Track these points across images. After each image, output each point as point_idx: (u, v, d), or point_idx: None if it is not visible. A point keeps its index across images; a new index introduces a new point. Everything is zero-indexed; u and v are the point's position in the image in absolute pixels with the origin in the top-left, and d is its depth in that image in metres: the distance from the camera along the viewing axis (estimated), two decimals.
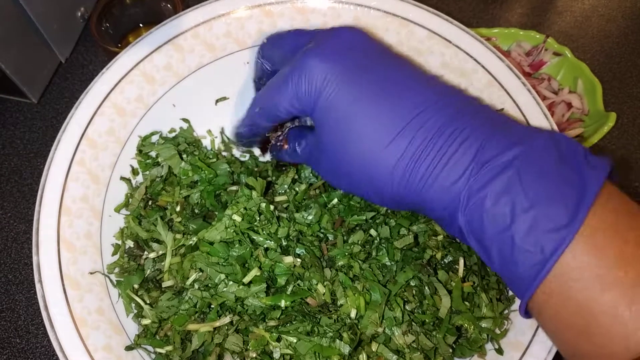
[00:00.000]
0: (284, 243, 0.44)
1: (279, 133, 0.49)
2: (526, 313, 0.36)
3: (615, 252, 0.30)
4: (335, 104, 0.38)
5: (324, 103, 0.39)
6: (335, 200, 0.47)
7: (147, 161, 0.51)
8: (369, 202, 0.42)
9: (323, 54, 0.39)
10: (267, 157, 0.55)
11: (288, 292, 0.42)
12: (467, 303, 0.42)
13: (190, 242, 0.44)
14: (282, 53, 0.45)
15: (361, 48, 0.40)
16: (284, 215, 0.46)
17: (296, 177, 0.50)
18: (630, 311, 0.29)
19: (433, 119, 0.36)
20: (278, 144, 0.49)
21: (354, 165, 0.39)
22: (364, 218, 0.45)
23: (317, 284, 0.42)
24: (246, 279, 0.41)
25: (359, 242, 0.44)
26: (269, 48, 0.48)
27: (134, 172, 0.51)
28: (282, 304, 0.41)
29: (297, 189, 0.49)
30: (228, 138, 0.56)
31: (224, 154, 0.56)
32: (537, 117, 0.48)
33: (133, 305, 0.45)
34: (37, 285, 0.41)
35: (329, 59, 0.39)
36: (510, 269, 0.33)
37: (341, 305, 0.41)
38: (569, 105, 0.63)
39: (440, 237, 0.44)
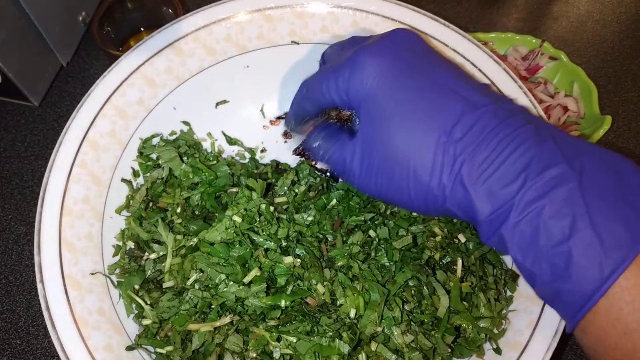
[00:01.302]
0: (284, 244, 0.44)
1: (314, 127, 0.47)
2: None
3: None
4: (384, 101, 0.38)
5: (373, 99, 0.38)
6: (334, 201, 0.48)
7: (148, 163, 0.51)
8: (405, 207, 0.41)
9: (377, 51, 0.39)
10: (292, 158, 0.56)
11: (288, 292, 0.42)
12: (465, 303, 0.42)
13: (191, 243, 0.45)
14: (340, 54, 0.45)
15: (415, 50, 0.40)
16: (284, 216, 0.46)
17: (295, 179, 0.51)
18: None
19: (482, 123, 0.35)
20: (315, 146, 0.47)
21: (397, 164, 0.38)
22: (363, 219, 0.46)
23: (316, 284, 0.42)
24: (246, 279, 0.42)
25: (358, 243, 0.44)
26: (330, 51, 0.48)
27: (135, 174, 0.52)
28: (282, 304, 0.41)
29: (296, 190, 0.49)
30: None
31: (223, 156, 0.56)
32: None
33: (134, 305, 0.45)
34: (39, 286, 0.42)
35: (383, 57, 0.38)
36: (561, 284, 0.32)
37: (340, 305, 0.42)
38: (565, 109, 0.64)
39: (438, 238, 0.45)
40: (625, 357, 0.31)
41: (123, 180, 0.50)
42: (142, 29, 0.65)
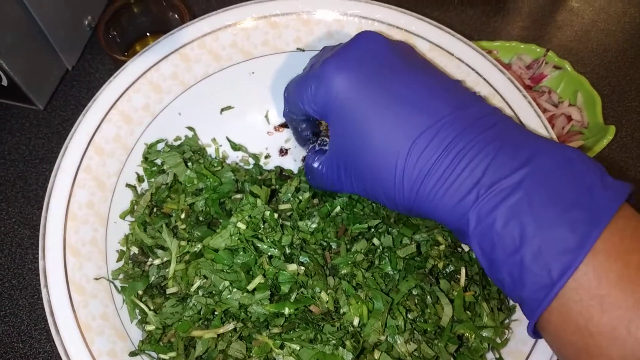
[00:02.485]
0: (288, 251, 0.44)
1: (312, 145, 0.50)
2: (534, 333, 0.36)
3: (616, 275, 0.30)
4: (349, 111, 0.39)
5: (338, 110, 0.39)
6: (338, 208, 0.48)
7: (153, 169, 0.52)
8: (385, 207, 0.43)
9: (338, 62, 0.40)
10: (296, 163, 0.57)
11: (291, 300, 0.42)
12: (468, 312, 0.42)
13: (195, 249, 0.45)
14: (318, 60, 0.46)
15: (378, 55, 0.40)
16: (288, 223, 0.47)
17: (299, 186, 0.51)
18: (629, 333, 0.29)
19: (444, 134, 0.36)
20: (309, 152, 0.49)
21: (366, 172, 0.40)
22: (367, 226, 0.46)
23: (320, 292, 0.42)
24: (250, 286, 0.42)
25: (362, 251, 0.44)
26: (314, 59, 0.49)
27: (140, 179, 0.52)
28: (286, 311, 0.41)
29: (300, 197, 0.49)
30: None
31: (228, 162, 0.56)
32: (538, 129, 0.49)
33: (137, 311, 0.45)
34: (43, 291, 0.42)
35: (344, 68, 0.39)
36: (519, 291, 0.34)
37: (344, 313, 0.42)
38: (569, 118, 0.64)
39: (442, 247, 0.45)
40: (579, 353, 0.32)
41: (127, 185, 0.50)
42: (148, 34, 0.66)
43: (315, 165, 0.46)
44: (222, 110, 0.57)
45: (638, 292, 0.30)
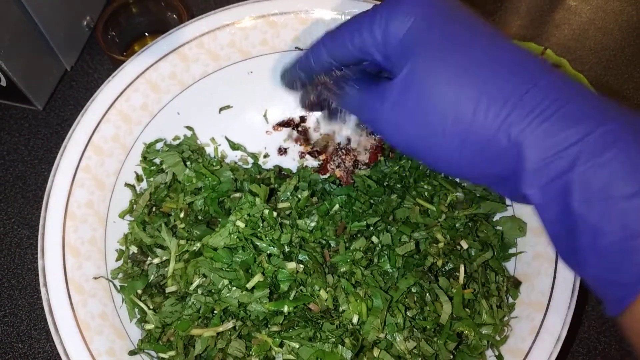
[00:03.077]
0: (287, 249, 0.45)
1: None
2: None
3: None
4: (427, 50, 0.33)
5: (413, 48, 0.34)
6: (337, 206, 0.48)
7: (152, 168, 0.52)
8: (434, 159, 0.36)
9: None
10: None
11: (291, 298, 0.42)
12: (467, 310, 0.43)
13: (194, 248, 0.45)
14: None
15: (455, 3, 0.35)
16: (287, 221, 0.47)
17: (298, 184, 0.51)
18: None
19: (539, 88, 0.31)
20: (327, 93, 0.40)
21: (438, 105, 0.33)
22: (365, 224, 0.46)
23: (319, 290, 0.42)
24: (249, 285, 0.42)
25: (361, 249, 0.44)
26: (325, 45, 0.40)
27: (139, 178, 0.52)
28: (285, 309, 0.41)
29: (299, 195, 0.49)
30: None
31: (227, 161, 0.56)
32: None
33: (136, 310, 0.45)
34: (42, 289, 0.42)
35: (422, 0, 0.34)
36: (633, 242, 0.28)
37: (343, 311, 0.42)
38: None
39: (441, 245, 0.45)
40: None
41: (126, 184, 0.51)
42: (146, 34, 0.66)
43: (362, 101, 0.38)
44: (221, 109, 0.57)
45: None
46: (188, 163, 0.51)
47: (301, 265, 0.43)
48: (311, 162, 0.57)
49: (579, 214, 0.30)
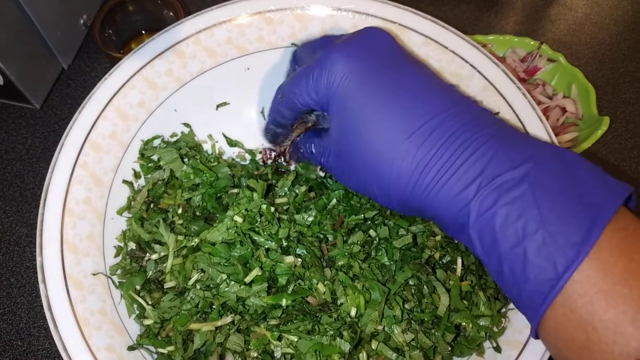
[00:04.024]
0: (285, 244, 0.45)
1: (296, 135, 0.50)
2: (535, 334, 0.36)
3: (620, 270, 0.30)
4: (350, 100, 0.39)
5: (340, 98, 0.39)
6: (335, 201, 0.48)
7: (149, 165, 0.52)
8: (377, 203, 0.42)
9: (345, 51, 0.40)
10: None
11: (289, 292, 0.43)
12: (465, 302, 0.43)
13: (192, 244, 0.45)
14: (311, 55, 0.46)
15: (383, 49, 0.41)
16: (285, 216, 0.47)
17: (296, 180, 0.51)
18: (634, 327, 0.29)
19: (445, 126, 0.36)
20: (297, 145, 0.50)
21: (363, 164, 0.39)
22: (362, 217, 0.46)
23: (317, 284, 0.42)
24: (247, 279, 0.42)
25: (359, 242, 0.45)
26: (301, 51, 0.49)
27: (136, 175, 0.52)
28: (283, 303, 0.42)
29: (296, 191, 0.50)
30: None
31: (224, 157, 0.56)
32: (533, 121, 0.49)
33: (135, 306, 0.45)
34: (41, 286, 0.42)
35: (350, 56, 0.39)
36: (521, 285, 0.33)
37: (341, 304, 0.42)
38: (564, 110, 0.64)
39: (438, 238, 0.45)
40: (581, 349, 0.32)
41: (124, 181, 0.51)
42: (143, 32, 0.66)
43: (311, 149, 0.46)
44: (218, 106, 0.57)
45: None
46: (185, 159, 0.52)
47: (299, 259, 0.43)
48: None
49: (483, 262, 0.36)
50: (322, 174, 0.53)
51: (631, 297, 0.30)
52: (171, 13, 0.64)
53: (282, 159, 0.56)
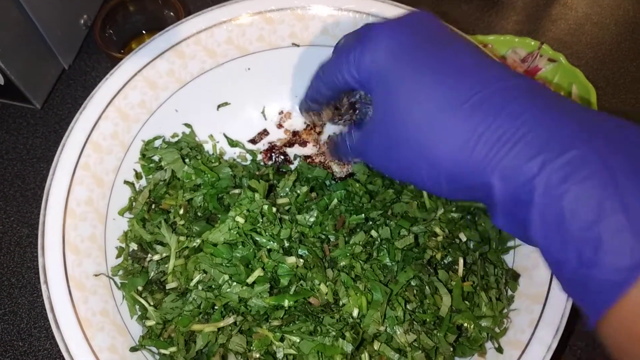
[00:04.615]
0: (287, 244, 0.45)
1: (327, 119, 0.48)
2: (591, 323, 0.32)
3: None
4: (395, 75, 0.37)
5: (384, 74, 0.37)
6: (336, 201, 0.48)
7: (150, 165, 0.52)
8: (421, 188, 0.40)
9: (388, 26, 0.38)
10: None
11: (291, 292, 0.43)
12: (467, 302, 0.43)
13: (194, 244, 0.45)
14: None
15: (429, 27, 0.39)
16: (286, 217, 0.47)
17: (297, 180, 0.51)
18: None
19: (499, 98, 0.34)
20: (336, 143, 0.47)
21: (410, 142, 0.37)
22: (363, 216, 0.46)
23: (319, 284, 0.42)
24: (250, 280, 0.42)
25: (361, 243, 0.45)
26: (344, 38, 0.45)
27: (138, 176, 0.52)
28: (285, 303, 0.42)
29: (298, 191, 0.50)
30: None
31: (225, 158, 0.56)
32: None
33: (137, 306, 0.45)
34: (43, 287, 0.42)
35: (394, 32, 0.38)
36: (590, 272, 0.30)
37: (343, 304, 0.42)
38: None
39: (439, 238, 0.45)
40: None
41: (126, 182, 0.51)
42: (143, 32, 0.66)
43: (351, 142, 0.44)
44: (219, 106, 0.57)
45: None
46: (187, 160, 0.52)
47: (301, 260, 0.43)
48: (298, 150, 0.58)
49: (541, 246, 0.33)
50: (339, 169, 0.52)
51: None
52: (172, 13, 0.64)
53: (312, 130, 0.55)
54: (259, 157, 0.57)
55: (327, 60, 0.43)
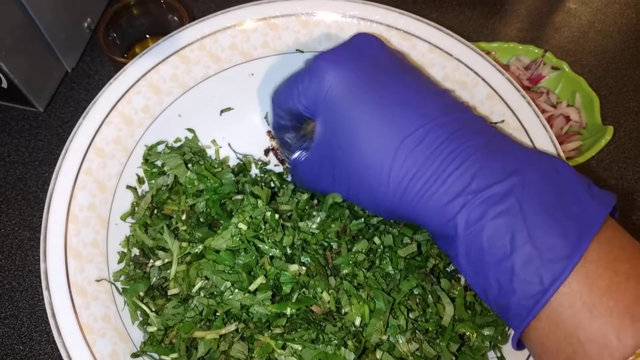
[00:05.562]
0: (289, 251, 0.45)
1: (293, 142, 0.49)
2: (518, 344, 0.36)
3: (605, 283, 0.31)
4: (339, 107, 0.39)
5: (328, 105, 0.39)
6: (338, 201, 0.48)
7: (153, 170, 0.52)
8: (366, 210, 0.42)
9: (334, 58, 0.40)
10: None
11: (293, 300, 0.42)
12: (469, 312, 0.43)
13: (196, 250, 0.45)
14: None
15: (374, 55, 0.41)
16: (289, 224, 0.47)
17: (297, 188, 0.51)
18: (619, 340, 0.29)
19: (434, 135, 0.36)
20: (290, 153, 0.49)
21: (351, 171, 0.39)
22: (363, 222, 0.46)
23: (322, 292, 0.42)
24: (252, 287, 0.42)
25: (363, 251, 0.45)
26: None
27: (140, 181, 0.52)
28: (288, 311, 0.42)
29: (298, 198, 0.50)
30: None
31: (229, 164, 0.56)
32: (537, 129, 0.49)
33: (139, 312, 0.45)
34: (45, 293, 0.42)
35: (339, 63, 0.39)
36: (507, 298, 0.33)
37: (346, 313, 0.42)
38: (567, 119, 0.64)
39: None
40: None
41: (128, 187, 0.51)
42: (147, 36, 0.66)
43: (300, 160, 0.46)
44: (222, 111, 0.57)
45: (627, 300, 0.30)
46: (190, 165, 0.51)
47: (303, 268, 0.43)
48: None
49: (468, 276, 0.37)
50: None
51: (616, 310, 0.30)
52: (176, 18, 0.64)
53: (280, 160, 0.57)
54: (268, 157, 0.58)
55: (279, 88, 0.45)
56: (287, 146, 0.50)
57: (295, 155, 0.47)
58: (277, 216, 0.45)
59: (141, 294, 0.45)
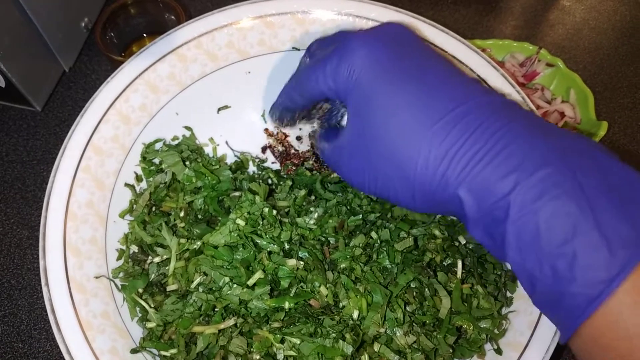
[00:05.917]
0: (287, 246, 0.45)
1: (317, 116, 0.47)
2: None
3: None
4: (372, 89, 0.37)
5: (361, 87, 0.37)
6: (335, 200, 0.48)
7: (151, 168, 0.52)
8: (393, 202, 0.40)
9: (366, 39, 0.38)
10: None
11: (291, 294, 0.43)
12: (466, 304, 0.43)
13: (195, 247, 0.45)
14: (327, 47, 0.44)
15: (405, 40, 0.39)
16: (286, 220, 0.47)
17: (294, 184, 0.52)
18: None
19: (474, 115, 0.34)
20: (315, 126, 0.48)
21: (385, 157, 0.37)
22: (360, 217, 0.46)
23: (319, 286, 0.43)
24: (250, 282, 0.42)
25: (360, 245, 0.45)
26: (316, 45, 0.47)
27: (138, 178, 0.52)
28: (286, 305, 0.42)
29: (295, 194, 0.50)
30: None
31: (226, 161, 0.57)
32: None
33: (138, 309, 0.46)
34: (44, 289, 0.42)
35: (372, 46, 0.38)
36: (563, 286, 0.31)
37: (343, 306, 0.42)
38: (562, 115, 0.65)
39: (439, 240, 0.46)
40: (621, 358, 0.30)
41: (126, 184, 0.51)
42: (144, 35, 0.66)
43: (328, 148, 0.44)
44: (219, 109, 0.58)
45: None
46: (187, 163, 0.52)
47: (301, 262, 0.43)
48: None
49: (515, 262, 0.33)
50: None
51: None
52: (172, 16, 0.64)
53: (279, 156, 0.57)
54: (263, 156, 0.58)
55: (301, 70, 0.43)
56: (291, 123, 0.48)
57: (321, 141, 0.45)
58: (274, 212, 0.46)
59: (140, 290, 0.46)
